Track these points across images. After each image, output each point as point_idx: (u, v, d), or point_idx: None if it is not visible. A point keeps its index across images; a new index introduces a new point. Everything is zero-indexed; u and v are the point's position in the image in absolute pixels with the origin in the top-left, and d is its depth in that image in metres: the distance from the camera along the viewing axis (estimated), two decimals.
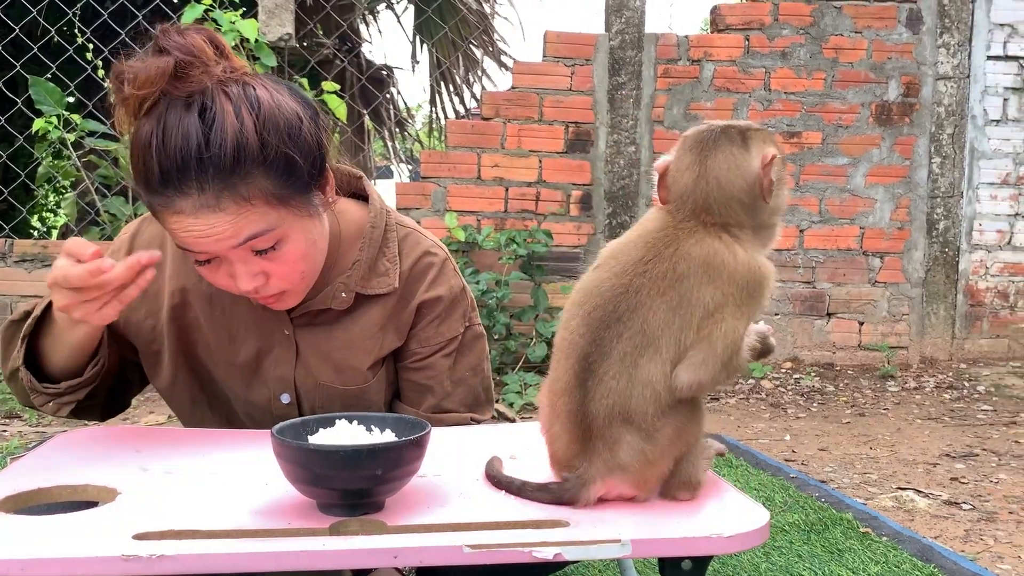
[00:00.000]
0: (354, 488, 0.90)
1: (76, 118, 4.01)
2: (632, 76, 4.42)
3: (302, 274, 1.21)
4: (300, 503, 0.95)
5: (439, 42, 6.46)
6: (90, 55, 4.10)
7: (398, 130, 7.70)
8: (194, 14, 3.66)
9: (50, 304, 1.21)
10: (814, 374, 4.36)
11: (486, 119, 4.40)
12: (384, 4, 7.27)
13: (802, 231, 4.57)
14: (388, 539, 0.86)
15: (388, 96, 7.16)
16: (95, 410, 1.38)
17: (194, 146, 1.07)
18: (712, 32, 4.62)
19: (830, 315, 4.61)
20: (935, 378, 4.31)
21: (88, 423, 3.26)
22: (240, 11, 3.91)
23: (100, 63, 4.07)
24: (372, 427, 0.99)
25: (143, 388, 1.45)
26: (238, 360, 1.35)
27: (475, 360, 1.42)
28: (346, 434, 0.97)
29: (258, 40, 4.04)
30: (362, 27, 7.29)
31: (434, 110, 7.12)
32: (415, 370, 1.38)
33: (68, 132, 3.98)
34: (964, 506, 2.43)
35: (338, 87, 4.54)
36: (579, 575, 1.78)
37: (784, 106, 4.52)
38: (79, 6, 4.50)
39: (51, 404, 1.26)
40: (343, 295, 1.31)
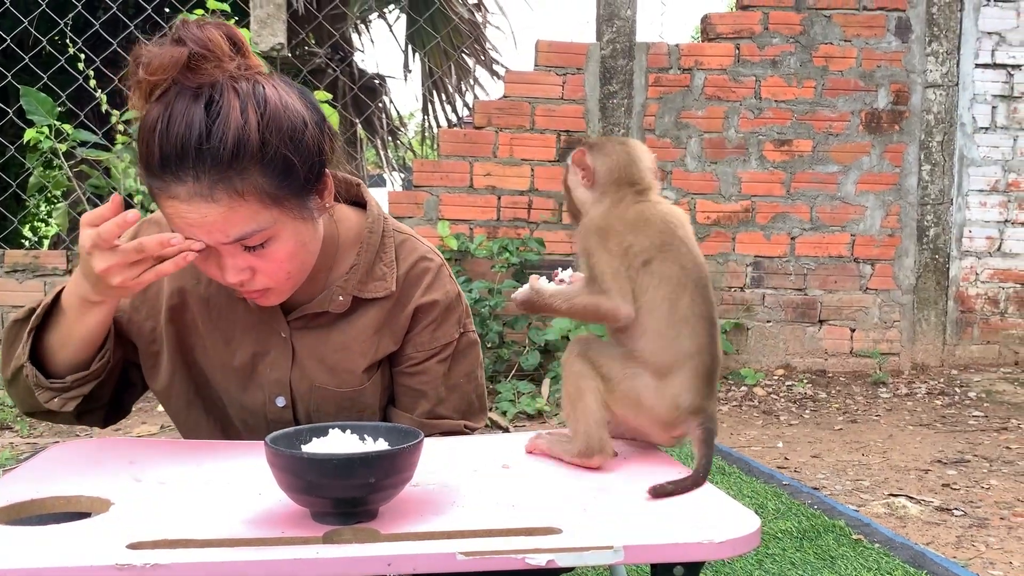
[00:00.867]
0: (348, 497, 0.90)
1: (68, 128, 4.01)
2: (623, 85, 4.44)
3: (288, 274, 1.21)
4: (293, 512, 0.95)
5: (431, 51, 6.48)
6: (82, 65, 4.10)
7: (390, 139, 7.72)
8: None
9: (57, 297, 1.23)
10: (806, 381, 4.37)
11: (478, 128, 4.41)
12: (376, 13, 7.29)
13: (793, 239, 4.59)
14: (382, 547, 0.86)
15: (380, 105, 7.18)
16: (98, 413, 1.38)
17: (195, 135, 1.09)
18: (703, 41, 4.64)
19: (822, 322, 4.63)
20: (926, 384, 4.33)
21: (80, 435, 3.25)
22: (232, 21, 3.91)
23: (92, 73, 4.06)
24: (365, 436, 0.99)
25: (144, 391, 1.46)
26: (234, 363, 1.35)
27: (469, 367, 1.44)
28: (339, 443, 0.98)
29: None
30: (354, 36, 7.31)
31: (426, 119, 7.14)
32: (410, 375, 1.39)
33: (60, 142, 3.98)
34: (956, 512, 2.44)
35: (330, 96, 4.55)
36: None
37: (775, 114, 4.55)
38: (71, 16, 4.50)
39: (56, 400, 1.26)
40: (340, 298, 1.32)
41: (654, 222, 1.19)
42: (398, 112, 8.03)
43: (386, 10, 7.27)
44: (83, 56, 4.13)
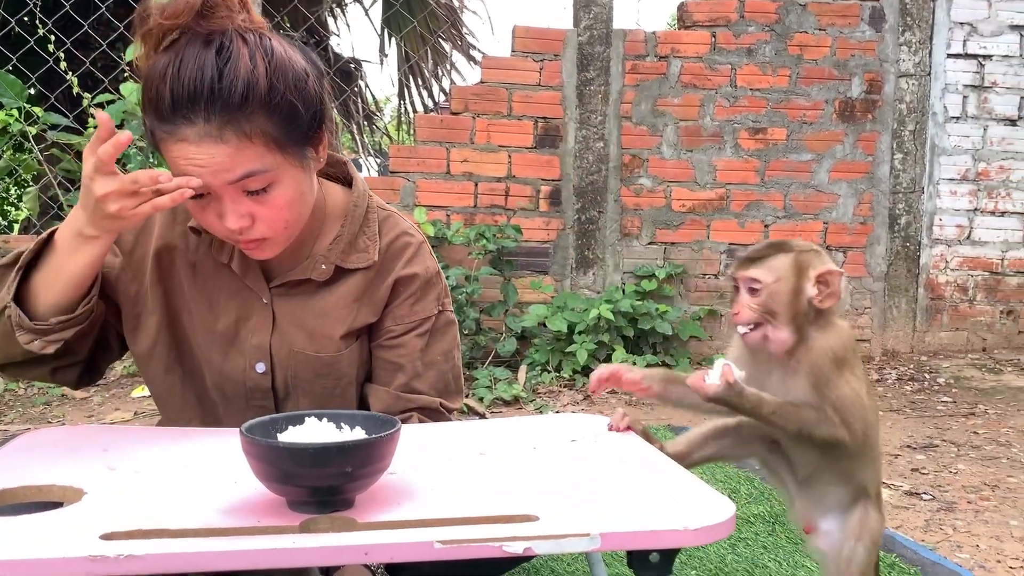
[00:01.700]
0: (324, 485, 0.90)
1: (38, 111, 3.94)
2: (600, 72, 4.43)
3: (286, 222, 1.25)
4: (270, 501, 0.95)
5: (407, 36, 6.43)
6: (52, 47, 4.03)
7: (366, 124, 7.67)
8: None
9: (48, 239, 1.25)
10: None
11: (455, 114, 4.39)
12: None
13: (767, 226, 4.63)
14: (359, 536, 0.86)
15: (356, 90, 7.13)
16: (73, 370, 1.38)
17: (208, 78, 1.14)
18: (679, 28, 4.65)
19: None
20: (897, 370, 4.39)
21: (52, 422, 3.21)
22: None
23: (62, 55, 3.99)
24: (342, 424, 0.99)
25: (121, 355, 1.47)
26: (217, 327, 1.38)
27: (447, 346, 1.46)
28: (315, 432, 0.97)
29: None
30: (330, 20, 7.24)
31: (402, 104, 7.10)
32: (388, 348, 1.42)
33: (30, 125, 3.91)
34: (924, 496, 2.48)
35: None
36: (548, 568, 1.79)
37: (750, 103, 4.57)
38: None
39: (37, 342, 1.26)
40: (323, 267, 1.37)
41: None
42: (374, 97, 7.98)
43: None
44: (53, 38, 4.06)
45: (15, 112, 3.85)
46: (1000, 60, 4.69)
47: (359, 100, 7.26)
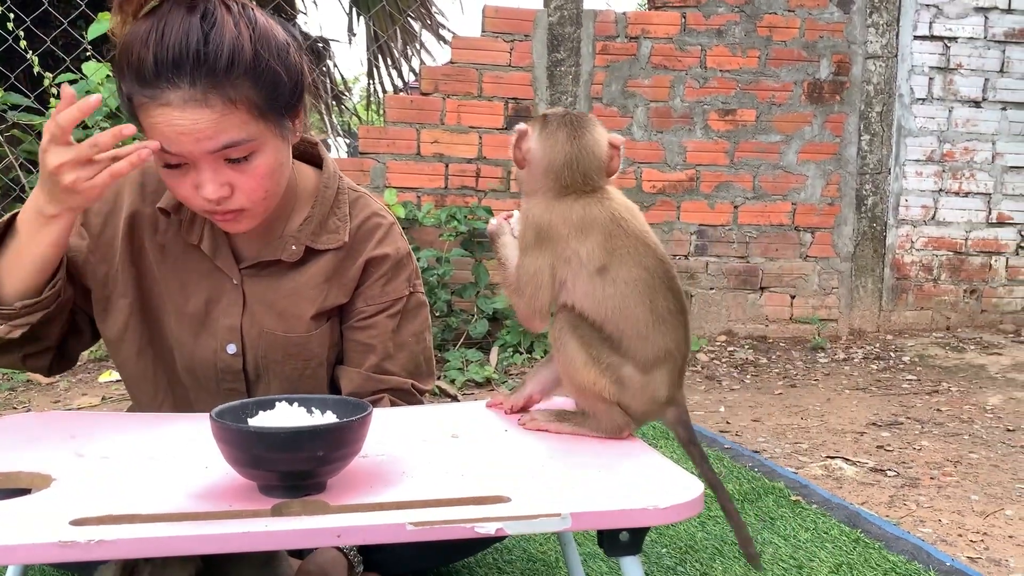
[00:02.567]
0: (296, 470, 0.90)
1: None
2: (571, 52, 4.42)
3: (266, 192, 1.25)
4: (241, 485, 0.95)
5: (376, 15, 6.36)
6: (11, 25, 3.94)
7: (335, 104, 7.59)
8: None
9: (10, 223, 1.23)
10: (748, 347, 4.47)
11: (425, 94, 4.36)
12: None
13: (736, 207, 4.66)
14: (331, 519, 0.86)
15: (324, 69, 7.04)
16: (45, 357, 1.37)
17: (194, 42, 1.14)
18: (649, 9, 4.65)
19: (763, 289, 4.73)
20: (863, 349, 4.45)
21: (17, 408, 3.17)
22: None
23: (22, 34, 3.91)
24: (313, 409, 0.99)
25: (93, 342, 1.45)
26: (188, 309, 1.38)
27: (418, 327, 1.47)
28: (286, 416, 0.97)
29: None
30: None
31: (372, 84, 7.03)
32: (359, 329, 1.42)
33: None
34: (889, 473, 2.53)
35: None
36: (521, 548, 1.81)
37: (720, 84, 4.58)
38: None
39: (2, 327, 1.25)
40: (293, 248, 1.37)
41: (601, 222, 1.14)
42: (343, 77, 7.90)
43: None
44: (12, 16, 3.97)
45: None
46: (965, 42, 4.75)
47: (328, 80, 7.18)
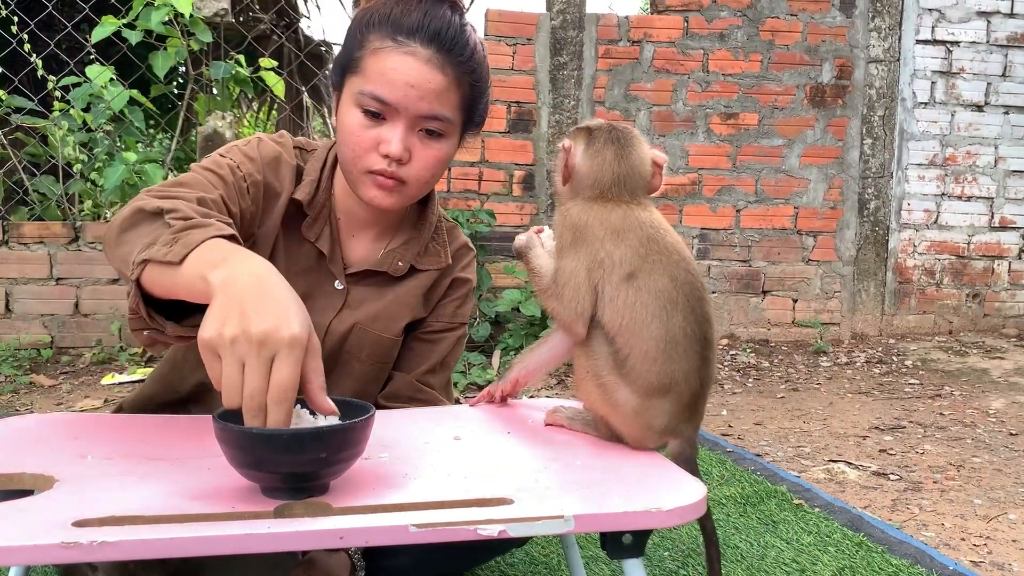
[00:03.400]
0: (299, 472, 0.90)
1: (1, 94, 3.87)
2: (573, 56, 4.43)
3: (430, 176, 1.35)
4: (243, 487, 0.94)
5: None
6: (15, 28, 3.95)
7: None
8: None
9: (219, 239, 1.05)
10: (750, 350, 4.46)
11: None
12: None
13: (739, 211, 4.66)
14: (334, 521, 0.86)
15: (327, 73, 7.05)
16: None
17: (453, 27, 1.29)
18: (652, 13, 4.65)
19: (765, 293, 4.72)
20: (865, 353, 4.45)
21: (20, 410, 3.17)
22: None
23: (26, 37, 3.92)
24: (315, 411, 0.99)
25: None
26: None
27: (457, 356, 1.59)
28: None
29: (193, 15, 3.94)
30: (300, 2, 7.15)
31: None
32: (423, 340, 1.52)
33: None
34: (892, 477, 2.52)
35: (276, 64, 4.46)
36: (522, 551, 1.81)
37: (722, 87, 4.59)
38: None
39: (146, 334, 1.10)
40: (400, 264, 1.46)
41: (637, 228, 1.11)
42: None
43: None
44: (16, 19, 3.98)
45: None
46: (968, 46, 4.75)
47: (330, 83, 7.19)
